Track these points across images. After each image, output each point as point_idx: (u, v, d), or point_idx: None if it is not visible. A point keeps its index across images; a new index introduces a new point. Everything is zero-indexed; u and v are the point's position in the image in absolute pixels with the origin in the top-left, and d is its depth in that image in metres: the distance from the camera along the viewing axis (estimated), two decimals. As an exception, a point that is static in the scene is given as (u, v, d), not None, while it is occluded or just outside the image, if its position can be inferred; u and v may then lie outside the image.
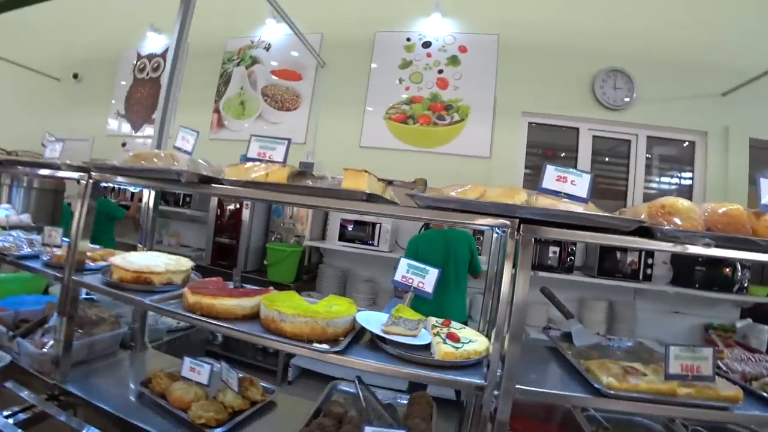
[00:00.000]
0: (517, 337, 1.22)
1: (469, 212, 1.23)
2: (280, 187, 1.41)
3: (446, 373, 1.24)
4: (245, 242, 4.39)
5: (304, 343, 1.33)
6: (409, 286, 1.45)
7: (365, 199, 1.29)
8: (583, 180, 1.34)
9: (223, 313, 1.51)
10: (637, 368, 1.39)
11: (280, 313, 1.39)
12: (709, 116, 4.22)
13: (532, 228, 1.24)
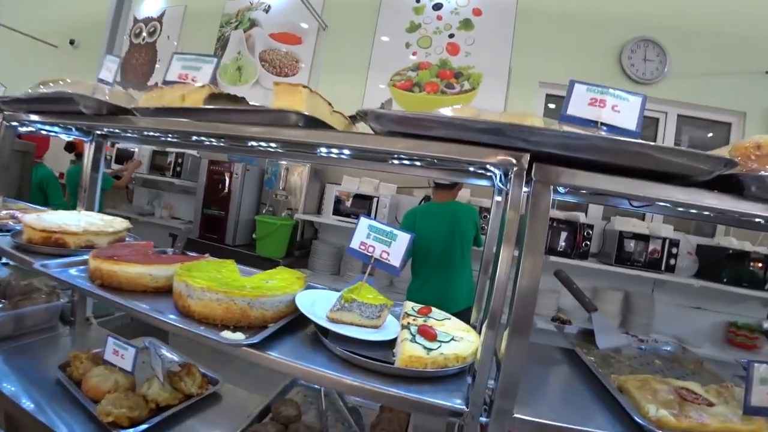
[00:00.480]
0: (520, 336, 0.74)
1: (454, 141, 0.74)
2: (184, 113, 0.95)
3: (409, 387, 0.78)
4: (234, 214, 3.96)
5: (213, 330, 0.88)
6: (369, 256, 0.98)
7: (301, 124, 0.81)
8: (632, 104, 0.85)
9: (127, 284, 1.10)
10: (697, 392, 0.91)
11: (188, 287, 0.96)
12: (748, 95, 3.59)
13: (550, 170, 0.75)
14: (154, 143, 1.45)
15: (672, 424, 0.78)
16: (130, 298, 1.03)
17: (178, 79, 1.17)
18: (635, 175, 0.77)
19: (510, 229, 0.73)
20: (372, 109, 0.73)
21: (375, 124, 0.73)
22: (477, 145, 0.73)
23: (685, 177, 0.78)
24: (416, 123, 0.72)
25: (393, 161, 1.09)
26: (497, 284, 0.73)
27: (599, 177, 0.75)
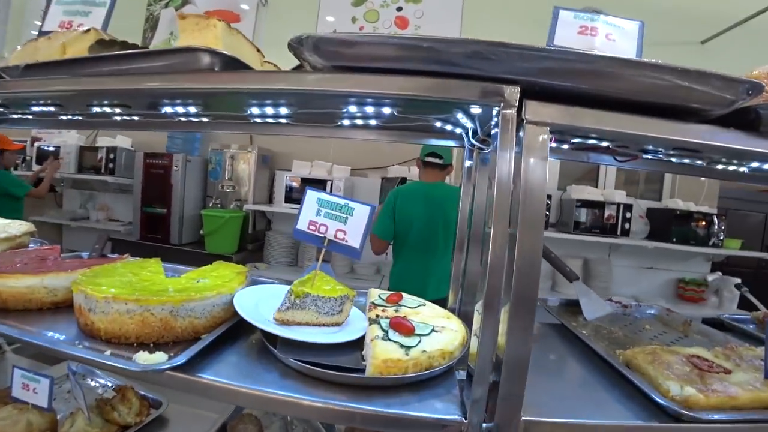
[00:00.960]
0: (523, 322, 0.57)
1: (420, 74, 0.55)
2: (64, 68, 0.69)
3: (387, 399, 0.59)
4: (178, 211, 3.56)
5: (123, 355, 0.65)
6: (321, 238, 0.77)
7: (217, 68, 0.58)
8: (628, 32, 0.71)
9: (14, 302, 0.82)
10: (712, 360, 0.79)
11: (88, 298, 0.72)
12: (687, 63, 3.69)
13: (545, 109, 0.57)
14: (43, 124, 1.14)
15: (702, 403, 0.65)
16: (21, 320, 0.77)
17: (58, 28, 0.89)
18: (639, 112, 0.62)
19: (503, 191, 0.55)
20: (309, 33, 0.52)
21: (315, 56, 0.53)
22: (449, 77, 0.54)
23: (697, 111, 0.64)
24: (370, 49, 0.52)
25: (343, 120, 0.89)
26: (491, 261, 0.55)
27: (610, 116, 0.59)
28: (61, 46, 0.81)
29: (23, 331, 0.73)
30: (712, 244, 3.29)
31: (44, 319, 0.81)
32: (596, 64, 0.54)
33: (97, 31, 0.80)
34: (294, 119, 0.90)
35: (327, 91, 0.56)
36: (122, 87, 0.64)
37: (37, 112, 1.09)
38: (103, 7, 0.90)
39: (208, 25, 0.65)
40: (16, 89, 0.78)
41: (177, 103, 0.84)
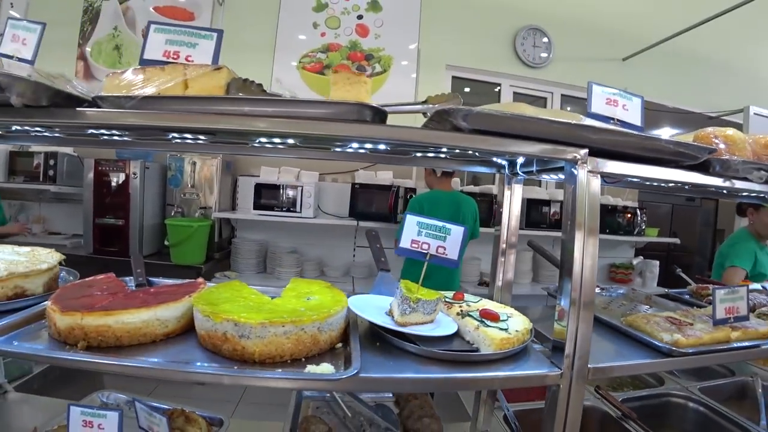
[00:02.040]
0: (589, 304, 0.87)
1: (529, 139, 0.82)
2: (221, 103, 0.82)
3: (504, 367, 0.85)
4: (137, 221, 3.43)
5: (292, 369, 0.81)
6: (425, 253, 1.00)
7: (369, 119, 0.79)
8: (635, 104, 1.02)
9: (128, 338, 0.87)
10: (679, 318, 1.18)
11: (239, 326, 0.82)
12: (611, 78, 4.40)
13: (598, 162, 0.88)
14: (94, 143, 1.16)
15: (684, 343, 1.03)
16: (137, 356, 0.83)
17: (163, 57, 0.94)
18: (643, 161, 0.96)
19: (581, 214, 0.84)
20: (459, 107, 0.75)
21: (464, 122, 0.76)
22: (549, 143, 0.82)
23: (677, 162, 0.99)
24: (504, 123, 0.77)
25: (418, 154, 1.11)
26: (575, 265, 0.84)
27: (629, 166, 0.92)
28: (183, 83, 0.90)
29: (177, 365, 0.81)
30: (636, 233, 3.99)
31: (164, 349, 0.87)
32: (632, 138, 0.85)
33: (229, 71, 0.90)
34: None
35: (471, 147, 0.79)
36: (288, 130, 0.80)
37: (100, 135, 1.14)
38: (210, 40, 0.94)
39: (359, 80, 0.82)
40: (142, 122, 0.84)
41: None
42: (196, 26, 1.00)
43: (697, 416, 1.75)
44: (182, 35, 0.97)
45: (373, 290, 1.17)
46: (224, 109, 0.82)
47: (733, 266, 2.45)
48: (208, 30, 0.98)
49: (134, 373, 0.82)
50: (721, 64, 4.86)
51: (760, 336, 1.18)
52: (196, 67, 0.91)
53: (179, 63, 0.94)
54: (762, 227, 2.55)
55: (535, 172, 1.06)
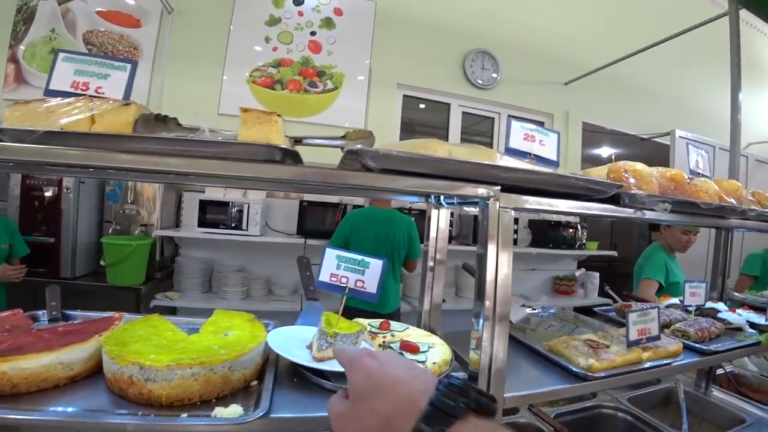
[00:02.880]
0: (504, 331, 0.90)
1: (441, 178, 0.84)
2: (127, 141, 0.79)
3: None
4: (70, 239, 3.20)
5: (199, 412, 0.77)
6: (343, 287, 1.00)
7: (279, 159, 0.78)
8: (551, 140, 1.08)
9: (27, 384, 0.80)
10: (598, 340, 1.24)
11: (145, 369, 0.79)
12: (554, 101, 4.67)
13: (511, 198, 0.92)
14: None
15: (597, 367, 1.10)
16: (38, 404, 0.77)
17: (71, 89, 0.90)
18: (558, 195, 1.01)
19: (494, 243, 0.87)
20: (367, 149, 0.76)
21: (373, 163, 0.77)
22: (461, 181, 0.85)
23: (589, 195, 1.06)
24: (413, 163, 0.78)
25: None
26: (488, 286, 0.87)
27: (541, 200, 0.97)
28: (89, 118, 0.86)
29: (73, 414, 0.75)
30: (577, 247, 4.20)
31: (68, 395, 0.81)
32: (542, 176, 0.90)
33: (138, 106, 0.86)
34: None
35: (383, 188, 0.80)
36: (194, 170, 0.77)
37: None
38: (123, 72, 0.90)
39: (269, 120, 0.81)
40: (30, 157, 0.79)
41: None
42: (109, 56, 0.96)
43: (626, 426, 1.85)
44: (93, 65, 0.93)
45: (299, 320, 1.15)
46: (130, 147, 0.78)
47: (647, 278, 2.65)
48: (121, 60, 0.95)
49: (32, 423, 0.77)
50: (652, 90, 5.28)
51: (669, 354, 1.28)
52: (103, 102, 0.87)
53: (88, 95, 0.91)
54: (673, 241, 2.79)
55: (456, 204, 1.09)
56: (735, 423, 1.82)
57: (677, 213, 1.26)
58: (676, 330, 1.56)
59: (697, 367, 1.91)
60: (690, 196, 1.30)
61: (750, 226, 1.49)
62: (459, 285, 4.07)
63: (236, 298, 3.52)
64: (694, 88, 5.63)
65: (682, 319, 1.68)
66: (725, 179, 1.52)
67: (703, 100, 5.70)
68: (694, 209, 1.24)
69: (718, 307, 1.86)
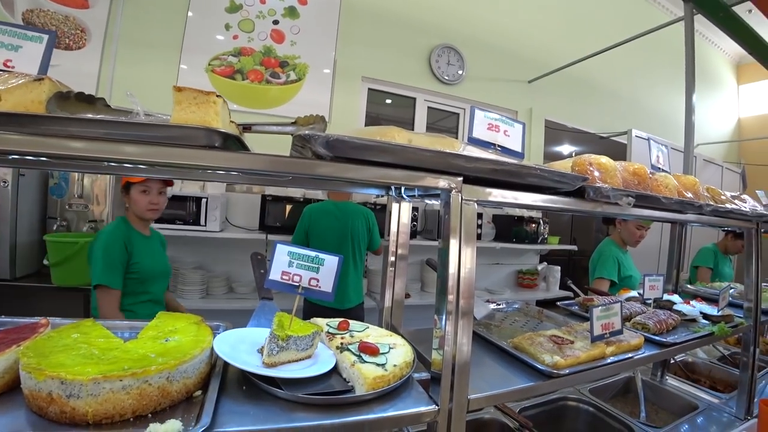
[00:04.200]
0: (468, 328, 0.85)
1: (400, 167, 0.77)
2: (37, 121, 0.67)
3: (378, 408, 0.79)
4: (9, 237, 2.92)
5: (132, 430, 0.68)
6: (296, 287, 0.91)
7: (219, 145, 0.69)
8: (516, 130, 1.04)
9: None
10: (561, 335, 1.22)
11: (66, 383, 0.68)
12: (518, 98, 4.73)
13: (475, 190, 0.87)
14: None
15: (562, 364, 1.08)
16: None
17: None
18: (523, 188, 0.97)
19: (456, 237, 0.82)
20: (317, 134, 0.68)
21: (324, 150, 0.69)
22: (421, 170, 0.78)
23: (556, 189, 1.02)
24: (369, 150, 0.71)
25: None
26: (451, 282, 0.82)
27: (506, 193, 0.93)
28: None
29: None
30: (540, 241, 4.27)
31: None
32: (507, 166, 0.85)
33: (53, 82, 0.75)
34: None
35: (332, 177, 0.72)
36: (122, 157, 0.67)
37: None
38: (39, 43, 0.79)
39: (206, 99, 0.72)
40: None
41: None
42: (21, 25, 0.84)
43: (588, 417, 1.87)
44: (1, 35, 0.81)
45: (251, 322, 1.06)
46: (43, 129, 0.67)
47: (600, 278, 2.72)
48: (36, 31, 0.83)
49: None
50: (611, 90, 5.45)
51: (631, 348, 1.29)
52: (10, 76, 0.75)
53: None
54: (627, 236, 2.87)
55: (417, 197, 1.03)
56: (688, 410, 1.88)
57: (639, 207, 1.26)
58: (636, 323, 1.57)
59: (657, 360, 1.96)
60: (652, 190, 1.31)
61: (705, 221, 1.53)
62: (424, 280, 4.05)
63: (195, 297, 3.34)
64: (649, 90, 5.88)
65: (642, 312, 1.71)
66: (683, 175, 1.54)
67: (657, 102, 5.96)
68: (656, 203, 1.25)
69: (674, 299, 1.91)
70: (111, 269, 1.89)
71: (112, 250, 1.92)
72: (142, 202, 2.11)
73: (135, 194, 2.11)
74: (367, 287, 3.71)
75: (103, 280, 1.86)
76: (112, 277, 1.88)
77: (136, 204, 2.12)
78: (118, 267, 1.92)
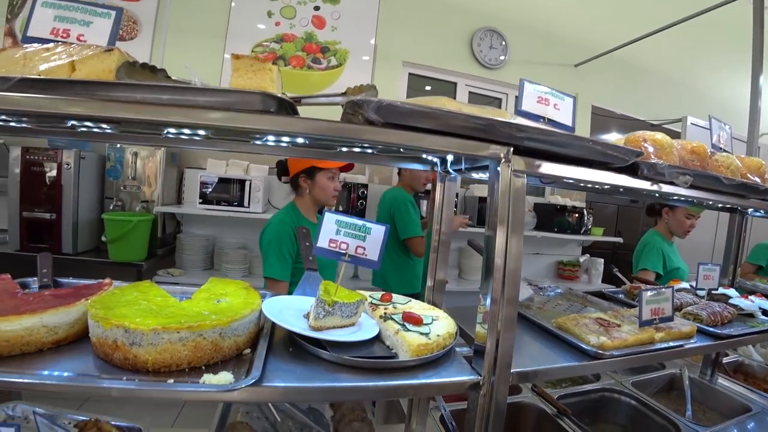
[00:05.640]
0: (513, 308, 0.84)
1: (449, 135, 0.77)
2: (112, 88, 0.72)
3: (421, 375, 0.81)
4: (71, 215, 3.14)
5: (187, 378, 0.73)
6: (342, 254, 0.93)
7: (273, 110, 0.71)
8: (566, 104, 1.01)
9: (8, 347, 0.76)
10: (608, 319, 1.18)
11: (130, 332, 0.74)
12: (563, 83, 4.51)
13: (523, 161, 0.85)
14: None
15: (609, 345, 1.04)
16: (26, 365, 0.73)
17: (50, 35, 0.85)
18: (572, 162, 0.94)
19: (503, 213, 0.81)
20: (369, 99, 0.69)
21: (376, 115, 0.69)
22: (471, 139, 0.77)
23: (607, 164, 0.98)
24: (419, 116, 0.71)
25: (344, 149, 1.05)
26: (497, 267, 0.81)
27: (555, 166, 0.90)
28: (70, 64, 0.80)
29: (52, 376, 0.71)
30: (583, 232, 4.12)
31: (50, 359, 0.77)
32: (559, 137, 0.82)
33: (122, 53, 0.80)
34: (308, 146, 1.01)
35: (381, 142, 0.73)
36: (185, 120, 0.71)
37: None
38: (107, 19, 0.84)
39: (263, 68, 0.75)
40: (24, 106, 0.74)
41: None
42: (92, 2, 0.90)
43: (629, 410, 1.81)
44: (74, 11, 0.88)
45: (297, 291, 1.10)
46: (113, 95, 0.72)
47: (644, 269, 2.58)
48: (104, 7, 0.88)
49: (16, 387, 0.77)
50: (663, 75, 5.12)
51: (682, 336, 1.21)
52: (83, 48, 0.80)
53: (69, 43, 0.85)
54: (676, 225, 2.68)
55: (464, 170, 1.02)
56: (740, 411, 1.77)
57: (696, 188, 1.19)
58: (688, 313, 1.49)
59: (710, 351, 1.85)
60: (712, 171, 1.22)
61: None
62: (462, 267, 4.01)
63: (238, 275, 3.49)
64: (707, 74, 5.46)
65: (694, 303, 1.62)
66: (747, 157, 1.44)
67: (717, 88, 5.53)
68: (716, 185, 1.17)
69: (729, 293, 1.79)
70: (281, 262, 1.94)
71: (283, 242, 1.97)
72: (329, 188, 2.13)
73: (322, 180, 2.13)
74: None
75: (273, 273, 1.93)
76: (281, 271, 1.94)
77: (324, 190, 2.13)
78: (287, 260, 1.97)
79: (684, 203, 1.88)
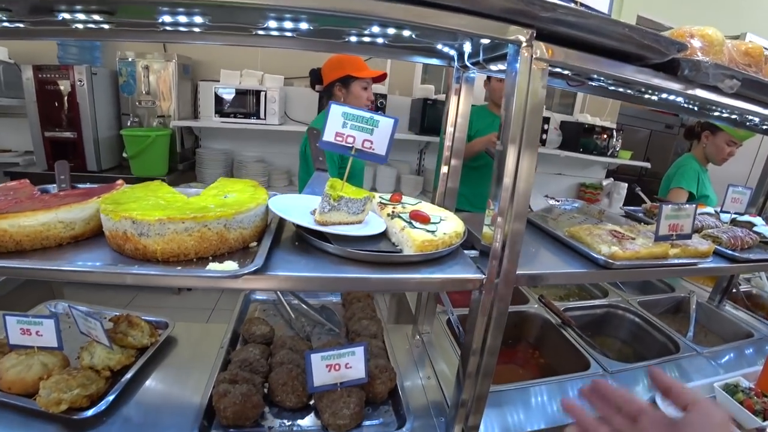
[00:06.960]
0: (522, 211, 0.81)
1: (465, 12, 0.68)
2: None
3: (425, 270, 0.81)
4: (91, 133, 3.17)
5: (192, 268, 0.75)
6: (349, 148, 0.90)
7: None
8: None
9: (30, 242, 0.79)
10: (623, 232, 1.15)
11: (137, 223, 0.75)
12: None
13: (546, 47, 0.76)
14: None
15: (620, 256, 1.01)
16: (48, 258, 0.77)
17: None
18: (603, 54, 0.84)
19: (520, 110, 0.75)
20: None
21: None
22: (489, 18, 0.69)
23: (643, 58, 0.87)
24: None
25: (353, 38, 0.96)
26: (507, 174, 0.77)
27: (583, 55, 0.80)
28: None
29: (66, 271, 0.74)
30: (609, 154, 3.95)
31: (69, 252, 0.80)
32: (591, 20, 0.72)
33: None
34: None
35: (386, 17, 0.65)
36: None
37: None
38: None
39: None
40: None
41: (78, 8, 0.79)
42: None
43: (632, 326, 1.85)
44: None
45: (306, 190, 1.09)
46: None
47: (678, 187, 2.45)
48: None
49: (29, 275, 0.79)
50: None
51: (699, 254, 1.16)
52: None
53: None
54: (714, 151, 2.50)
55: (482, 62, 0.93)
56: (741, 336, 1.78)
57: (742, 98, 1.06)
58: (707, 235, 1.42)
59: (724, 273, 1.81)
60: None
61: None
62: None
63: (257, 190, 3.55)
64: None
65: (716, 227, 1.55)
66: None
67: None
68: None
69: (755, 221, 1.69)
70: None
71: None
72: (363, 97, 2.12)
73: (357, 89, 2.11)
74: (423, 186, 3.72)
75: None
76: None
77: (358, 99, 2.11)
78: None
79: (726, 121, 1.71)
